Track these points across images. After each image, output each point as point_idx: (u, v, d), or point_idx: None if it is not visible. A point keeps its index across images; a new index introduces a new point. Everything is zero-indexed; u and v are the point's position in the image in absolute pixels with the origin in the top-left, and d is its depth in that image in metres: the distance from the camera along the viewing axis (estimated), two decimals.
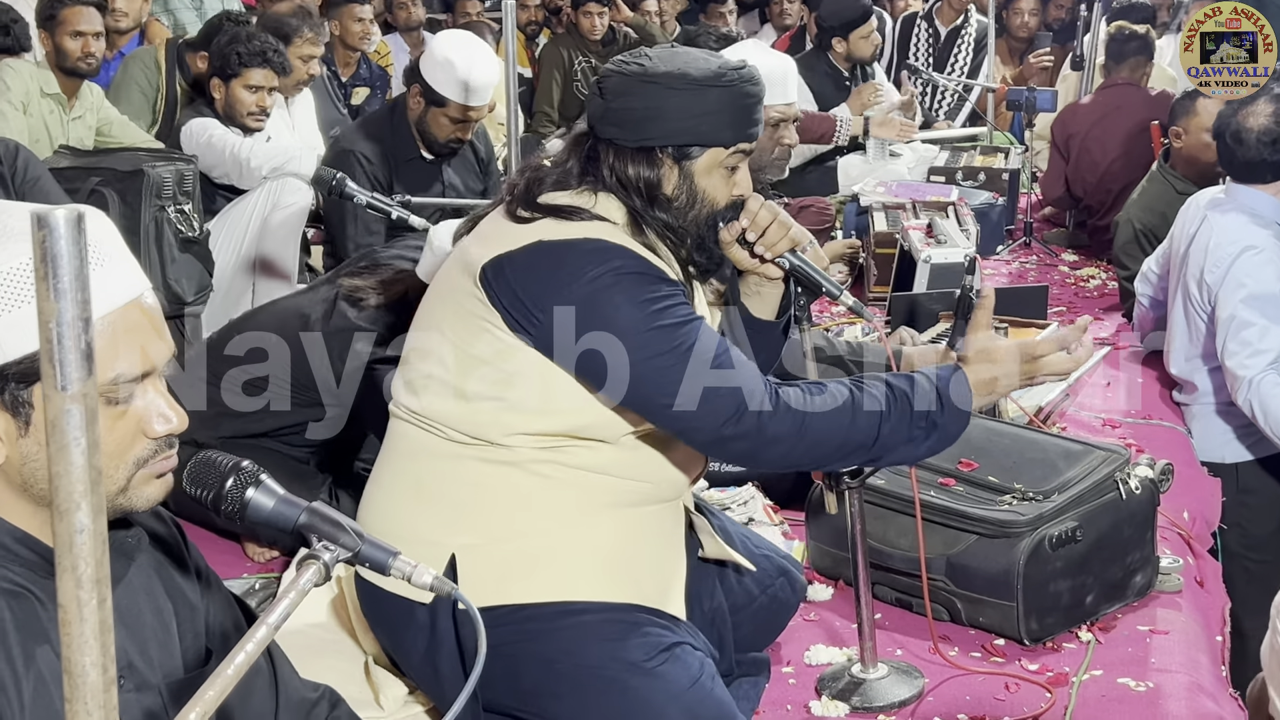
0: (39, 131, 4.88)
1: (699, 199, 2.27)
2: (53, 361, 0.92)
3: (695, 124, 2.23)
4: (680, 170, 2.25)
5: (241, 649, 1.27)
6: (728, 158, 2.28)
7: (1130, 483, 2.90)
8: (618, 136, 2.25)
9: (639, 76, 2.24)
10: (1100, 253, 5.95)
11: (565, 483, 2.24)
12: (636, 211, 2.24)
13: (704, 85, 2.23)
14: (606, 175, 2.25)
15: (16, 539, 1.48)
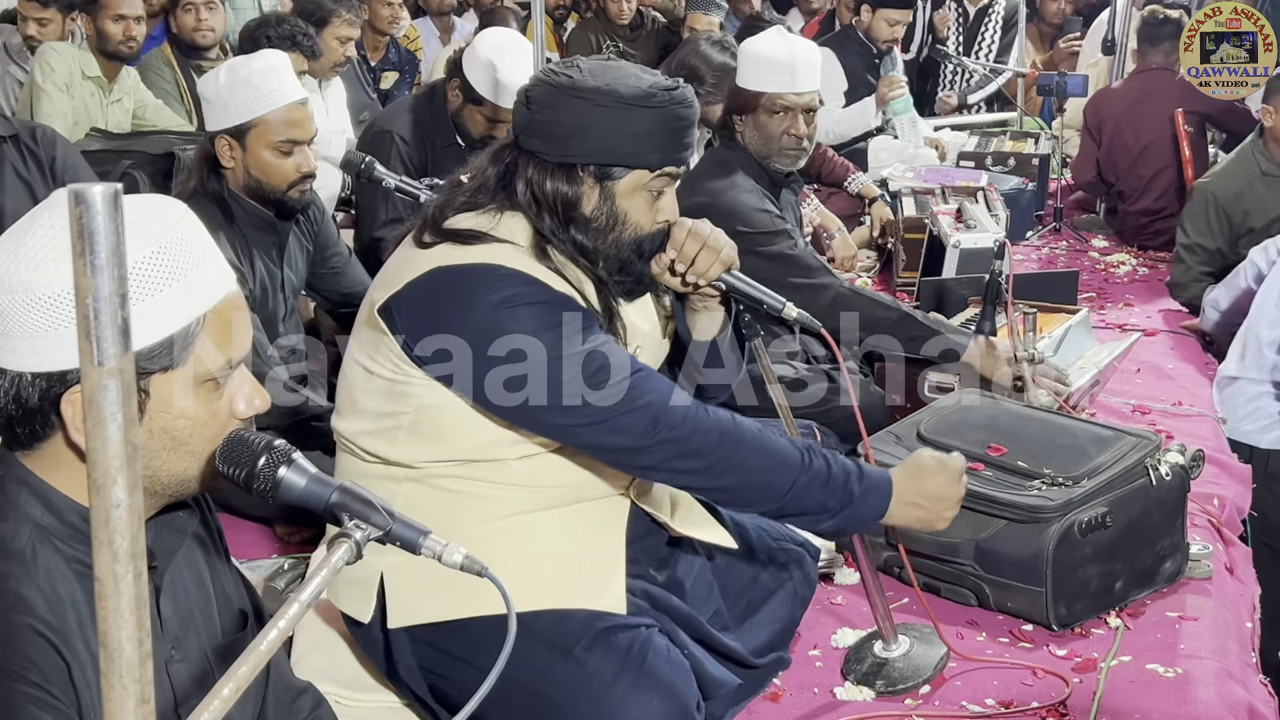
0: (80, 113, 4.92)
1: (619, 221, 2.20)
2: (90, 337, 0.93)
3: (620, 144, 2.15)
4: (601, 190, 2.18)
5: (274, 625, 1.28)
6: (652, 181, 2.20)
7: (1161, 469, 2.89)
8: (540, 150, 2.18)
9: (567, 89, 2.16)
10: (1131, 239, 5.92)
11: (477, 496, 2.20)
12: (544, 232, 2.17)
13: (632, 105, 2.14)
14: (521, 189, 2.18)
15: (84, 517, 1.50)
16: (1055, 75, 6.31)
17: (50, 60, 4.89)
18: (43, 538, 1.49)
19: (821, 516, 2.22)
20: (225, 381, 1.57)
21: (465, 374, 2.11)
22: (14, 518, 1.50)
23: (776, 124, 3.78)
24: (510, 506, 2.22)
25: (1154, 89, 5.93)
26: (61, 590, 1.47)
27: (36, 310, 1.44)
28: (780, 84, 3.78)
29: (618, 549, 2.31)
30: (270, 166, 3.27)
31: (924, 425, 3.09)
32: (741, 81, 3.86)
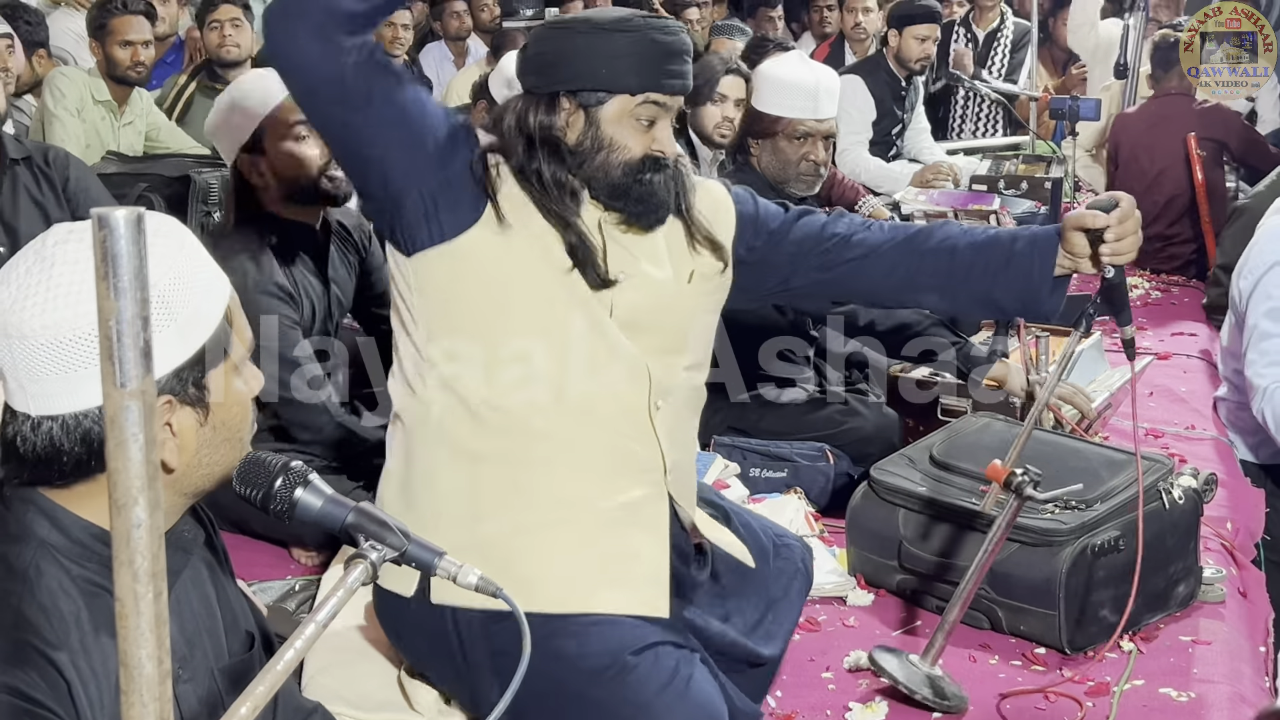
0: (91, 137, 4.96)
1: (605, 145, 2.20)
2: (112, 359, 0.94)
3: (597, 67, 2.18)
4: (586, 117, 2.20)
5: (290, 646, 1.29)
6: (637, 107, 2.20)
7: (1173, 492, 2.89)
8: (532, 85, 2.24)
9: (555, 25, 2.26)
10: (1144, 262, 5.93)
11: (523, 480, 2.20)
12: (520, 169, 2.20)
13: (607, 30, 2.18)
14: (509, 120, 2.22)
15: (93, 535, 1.51)
16: (1068, 99, 6.33)
17: (60, 85, 4.93)
18: (47, 556, 1.49)
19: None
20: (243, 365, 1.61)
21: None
22: (19, 536, 1.50)
23: (795, 150, 3.77)
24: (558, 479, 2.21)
25: (1170, 114, 5.94)
26: (65, 608, 1.47)
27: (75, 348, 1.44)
28: (802, 110, 3.76)
29: (662, 551, 2.27)
30: (295, 158, 3.28)
31: (937, 447, 3.10)
32: (761, 105, 3.83)
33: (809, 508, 3.32)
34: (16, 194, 3.87)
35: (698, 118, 4.86)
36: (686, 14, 8.53)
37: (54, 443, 1.48)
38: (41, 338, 1.43)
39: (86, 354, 1.44)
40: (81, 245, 1.47)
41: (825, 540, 3.21)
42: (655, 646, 2.15)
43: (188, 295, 1.50)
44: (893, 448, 3.33)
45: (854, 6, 7.31)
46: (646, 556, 2.25)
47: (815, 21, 8.60)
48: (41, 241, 1.50)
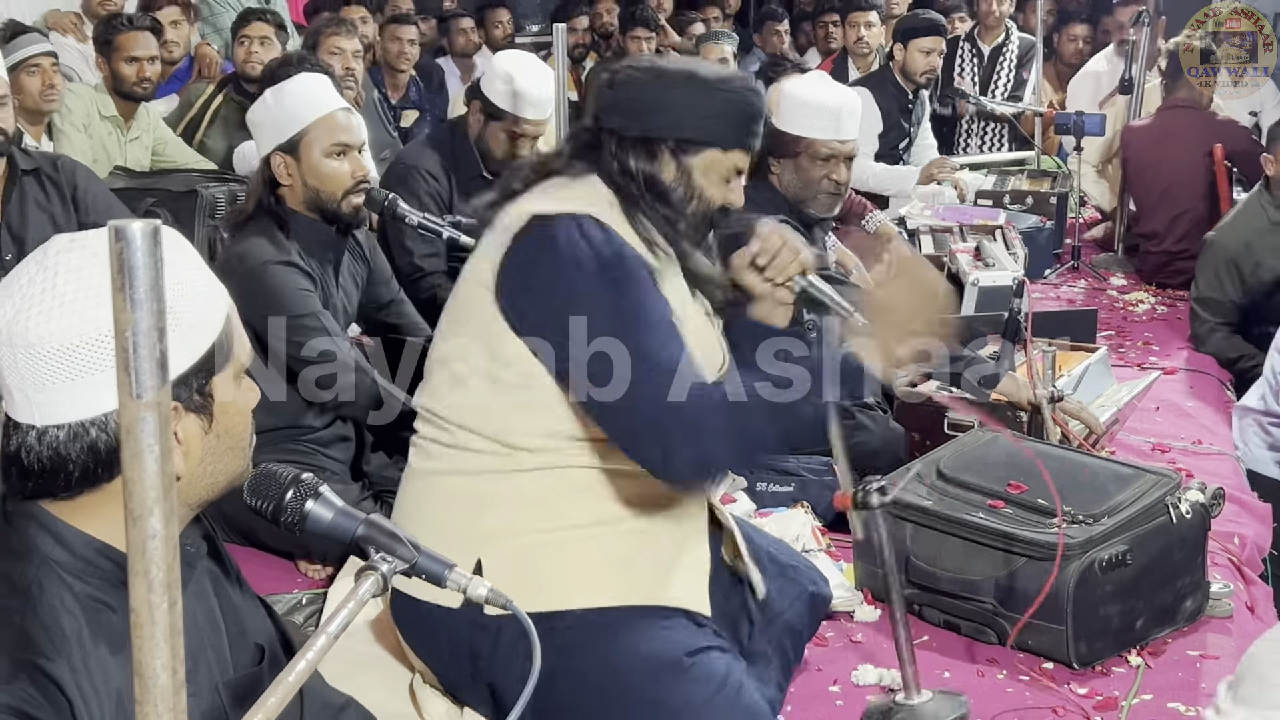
0: (98, 152, 4.97)
1: (695, 195, 2.31)
2: (128, 370, 0.95)
3: (698, 121, 2.28)
4: (679, 165, 2.29)
5: (302, 657, 1.29)
6: (726, 162, 2.32)
7: (1181, 507, 2.89)
8: (620, 126, 2.29)
9: (650, 70, 2.32)
10: (1151, 277, 5.93)
11: (579, 484, 2.24)
12: (632, 199, 2.27)
13: (711, 86, 2.29)
14: (607, 160, 2.29)
15: (96, 550, 1.50)
16: (1073, 114, 6.34)
17: (68, 102, 4.95)
18: (50, 572, 1.48)
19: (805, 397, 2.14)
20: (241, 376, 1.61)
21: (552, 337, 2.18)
22: (21, 553, 1.50)
23: (818, 170, 3.78)
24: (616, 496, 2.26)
25: (1178, 127, 5.93)
26: (66, 626, 1.46)
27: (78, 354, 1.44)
28: (826, 130, 3.77)
29: (703, 551, 2.36)
30: (325, 174, 3.33)
31: (944, 462, 3.10)
32: (784, 125, 3.80)
33: (816, 522, 3.32)
34: (25, 204, 3.88)
35: None
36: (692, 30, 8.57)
37: (60, 452, 1.47)
38: (48, 345, 1.43)
39: (92, 360, 1.44)
40: (84, 253, 1.47)
41: (832, 555, 3.21)
42: (708, 650, 2.21)
43: (190, 301, 1.51)
44: (900, 462, 3.33)
45: (856, 21, 7.33)
46: (693, 554, 2.33)
47: (820, 37, 8.62)
48: (43, 252, 1.50)
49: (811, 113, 3.76)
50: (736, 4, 9.75)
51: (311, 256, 3.36)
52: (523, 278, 2.19)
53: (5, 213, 3.85)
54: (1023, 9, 8.62)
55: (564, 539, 2.23)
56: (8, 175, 3.88)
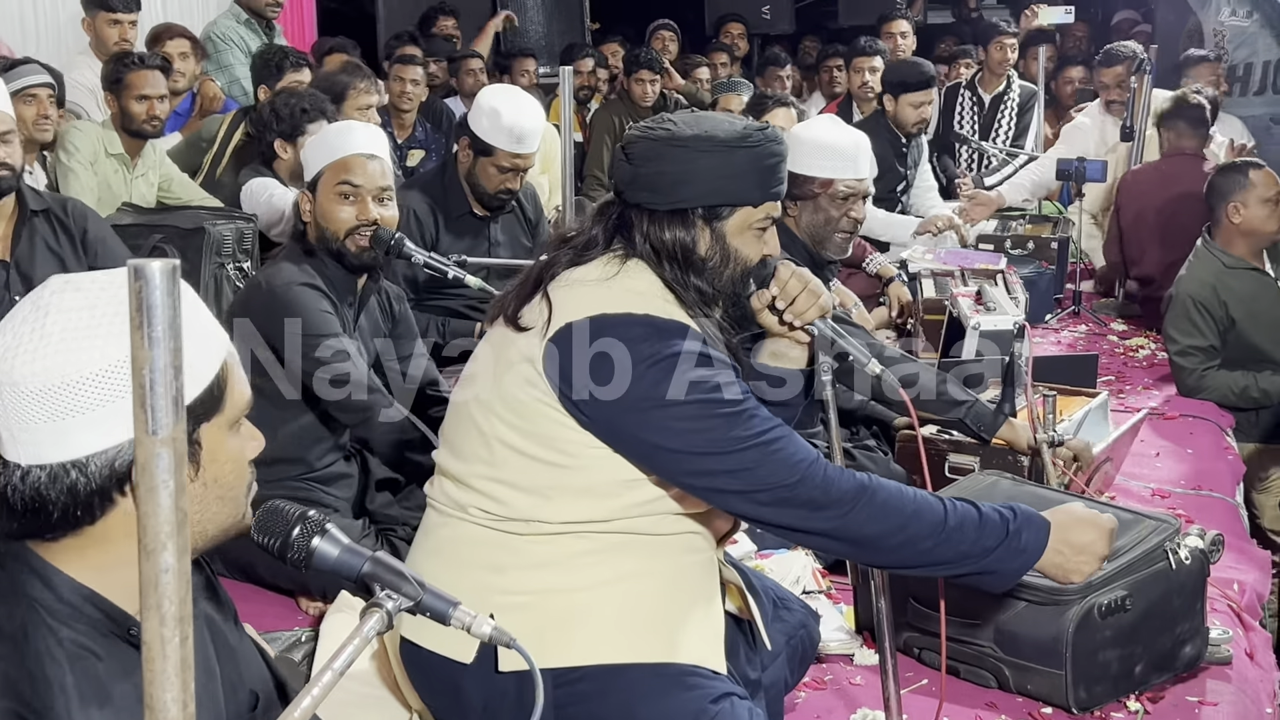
0: (104, 190, 5.00)
1: (731, 258, 2.31)
2: (145, 407, 0.97)
3: (725, 184, 2.28)
4: (712, 231, 2.29)
5: (308, 693, 1.30)
6: (758, 218, 2.33)
7: (1180, 553, 2.89)
8: (649, 201, 2.29)
9: (667, 141, 2.28)
10: (1152, 323, 5.95)
11: (603, 545, 2.24)
12: (670, 281, 2.27)
13: (732, 146, 2.28)
14: (639, 241, 2.28)
15: (84, 596, 1.50)
16: (1074, 161, 6.37)
17: (74, 139, 4.98)
18: (36, 617, 1.48)
19: (979, 557, 2.25)
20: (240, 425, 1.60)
21: (626, 429, 2.18)
22: (10, 597, 1.50)
23: (839, 209, 3.81)
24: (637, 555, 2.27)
25: (1180, 174, 5.95)
26: (51, 673, 1.45)
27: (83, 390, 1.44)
28: (845, 170, 3.80)
29: (717, 608, 2.36)
30: (329, 213, 3.38)
31: None
32: (799, 168, 3.77)
33: (816, 564, 3.32)
34: (34, 245, 3.90)
35: None
36: (697, 73, 8.63)
37: (40, 493, 1.47)
38: (31, 384, 1.43)
39: (74, 402, 1.43)
40: (78, 294, 1.47)
41: (832, 597, 3.22)
42: (730, 697, 2.22)
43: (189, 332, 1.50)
44: None
45: (861, 67, 7.39)
46: (707, 611, 2.33)
47: (824, 81, 8.68)
48: (39, 292, 1.51)
49: (829, 154, 3.80)
50: (745, 48, 9.82)
51: (333, 291, 3.40)
52: (596, 379, 2.17)
53: (14, 252, 3.87)
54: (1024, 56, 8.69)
55: (581, 596, 2.23)
56: (18, 215, 3.90)
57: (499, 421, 2.25)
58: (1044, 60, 7.89)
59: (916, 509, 2.22)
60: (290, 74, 5.62)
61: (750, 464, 2.15)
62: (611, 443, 2.19)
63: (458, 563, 2.26)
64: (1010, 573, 2.30)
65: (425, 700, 2.40)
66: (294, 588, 3.26)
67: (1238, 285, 4.90)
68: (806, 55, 10.33)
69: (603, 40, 9.92)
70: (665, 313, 2.22)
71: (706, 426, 2.15)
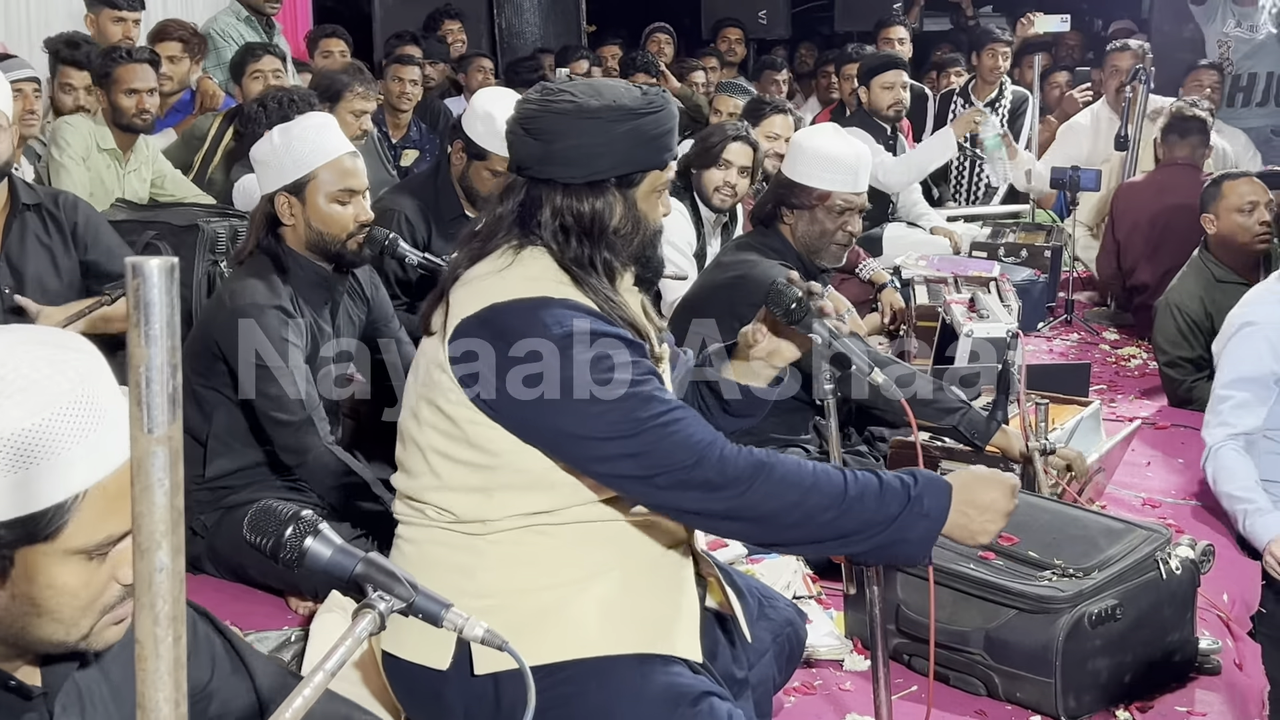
0: (96, 185, 4.98)
1: (641, 224, 2.30)
2: (141, 405, 0.96)
3: (637, 151, 2.27)
4: (625, 199, 2.28)
5: (299, 693, 1.30)
6: (662, 181, 2.32)
7: (1171, 563, 2.90)
8: (563, 175, 2.26)
9: (577, 114, 2.25)
10: (1144, 332, 5.95)
11: (564, 539, 2.23)
12: (569, 260, 2.24)
13: (641, 114, 2.27)
14: (548, 218, 2.25)
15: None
16: (1069, 170, 6.38)
17: (65, 135, 4.97)
18: None
19: (884, 525, 2.15)
20: (108, 553, 1.47)
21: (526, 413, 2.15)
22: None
23: (834, 221, 3.81)
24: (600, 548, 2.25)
25: (1176, 184, 5.97)
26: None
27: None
28: (844, 184, 3.80)
29: (691, 599, 2.35)
30: (330, 217, 3.36)
31: None
32: (798, 177, 3.83)
33: (807, 569, 3.33)
34: (25, 239, 3.89)
35: (702, 180, 4.91)
36: (693, 77, 8.63)
37: None
38: None
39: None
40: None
41: (822, 603, 3.22)
42: (709, 697, 2.20)
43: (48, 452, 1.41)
44: None
45: (850, 74, 7.41)
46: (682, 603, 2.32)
47: (822, 87, 8.69)
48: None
49: (829, 166, 3.79)
50: (742, 53, 9.83)
51: (306, 301, 3.38)
52: (494, 367, 2.16)
53: (5, 245, 3.86)
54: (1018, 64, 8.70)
55: (557, 594, 2.23)
56: (9, 209, 3.89)
57: (430, 430, 2.25)
58: (1039, 68, 7.90)
59: (815, 481, 2.15)
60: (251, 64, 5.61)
61: (649, 446, 2.11)
62: (521, 435, 2.17)
63: (426, 568, 2.23)
64: (918, 540, 2.18)
65: (409, 712, 2.40)
66: (284, 587, 3.25)
67: (1225, 300, 4.90)
68: (803, 63, 10.33)
69: (600, 43, 9.93)
70: (559, 294, 2.20)
71: (606, 409, 2.11)
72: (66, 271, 3.88)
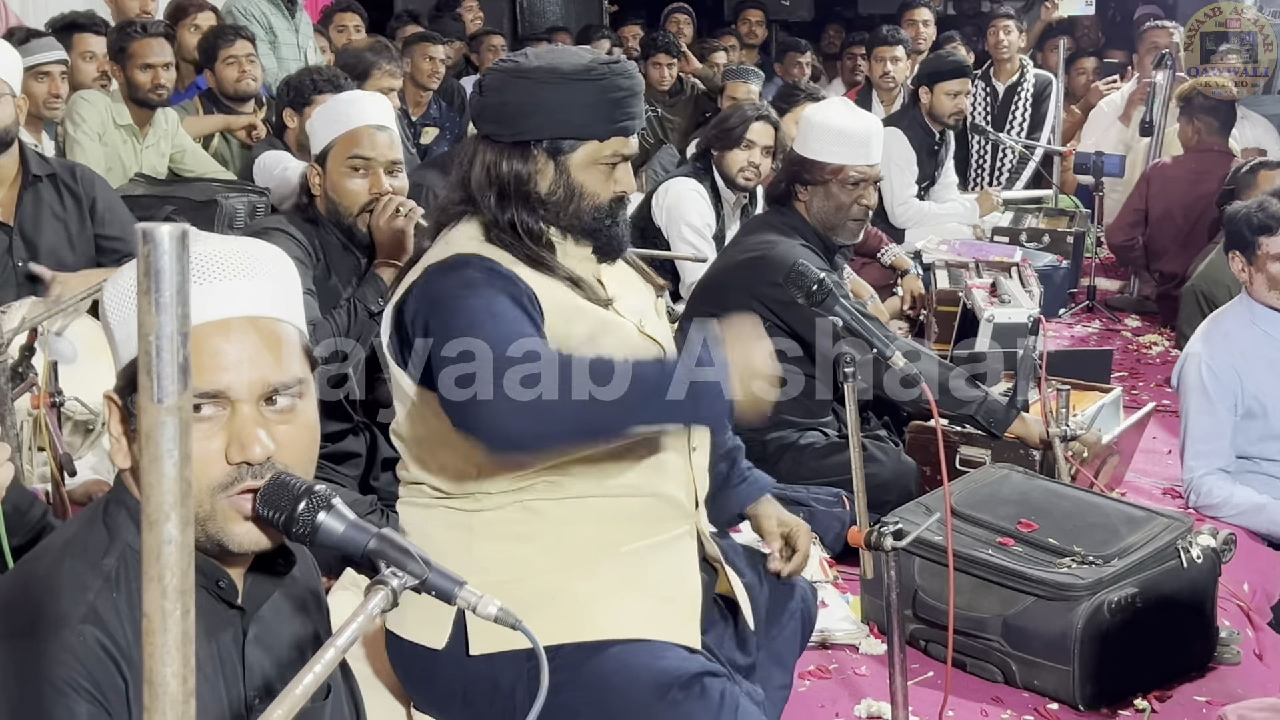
0: (113, 161, 4.97)
1: (577, 193, 2.25)
2: (150, 374, 0.94)
3: (568, 116, 2.23)
4: (556, 165, 2.25)
5: (310, 670, 1.28)
6: (605, 153, 2.26)
7: (1192, 551, 2.87)
8: (494, 132, 2.26)
9: (512, 72, 2.25)
10: (1168, 320, 5.91)
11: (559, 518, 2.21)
12: (491, 220, 2.23)
13: (574, 79, 2.22)
14: (478, 173, 2.25)
15: None
16: (1092, 155, 6.33)
17: (81, 111, 4.96)
18: (133, 560, 1.49)
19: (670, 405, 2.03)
20: (214, 418, 1.51)
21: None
22: (111, 538, 1.52)
23: (849, 195, 3.76)
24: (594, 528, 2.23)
25: (1210, 171, 5.89)
26: (139, 618, 1.46)
27: None
28: (855, 156, 3.76)
29: (693, 583, 2.31)
30: (342, 187, 3.37)
31: (955, 498, 3.08)
32: (810, 153, 3.80)
33: (824, 553, 3.31)
34: (39, 210, 3.88)
35: (724, 161, 4.87)
36: (714, 58, 8.59)
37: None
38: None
39: None
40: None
41: (839, 587, 3.20)
42: (701, 678, 2.16)
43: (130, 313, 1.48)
44: (910, 496, 3.32)
45: (883, 56, 7.32)
46: (682, 589, 2.29)
47: (847, 69, 8.63)
48: None
49: (840, 139, 3.75)
50: (763, 34, 9.77)
51: (334, 268, 3.38)
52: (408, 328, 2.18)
53: (18, 216, 3.85)
54: (1041, 48, 8.63)
55: (552, 577, 2.20)
56: (21, 180, 3.88)
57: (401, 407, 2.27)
58: (1063, 51, 7.83)
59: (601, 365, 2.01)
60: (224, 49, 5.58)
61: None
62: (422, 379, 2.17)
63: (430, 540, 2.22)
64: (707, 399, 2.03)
65: (408, 690, 2.39)
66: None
67: None
68: (830, 44, 10.27)
69: (621, 22, 9.88)
70: (468, 249, 2.19)
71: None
72: (81, 243, 3.87)
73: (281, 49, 6.68)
